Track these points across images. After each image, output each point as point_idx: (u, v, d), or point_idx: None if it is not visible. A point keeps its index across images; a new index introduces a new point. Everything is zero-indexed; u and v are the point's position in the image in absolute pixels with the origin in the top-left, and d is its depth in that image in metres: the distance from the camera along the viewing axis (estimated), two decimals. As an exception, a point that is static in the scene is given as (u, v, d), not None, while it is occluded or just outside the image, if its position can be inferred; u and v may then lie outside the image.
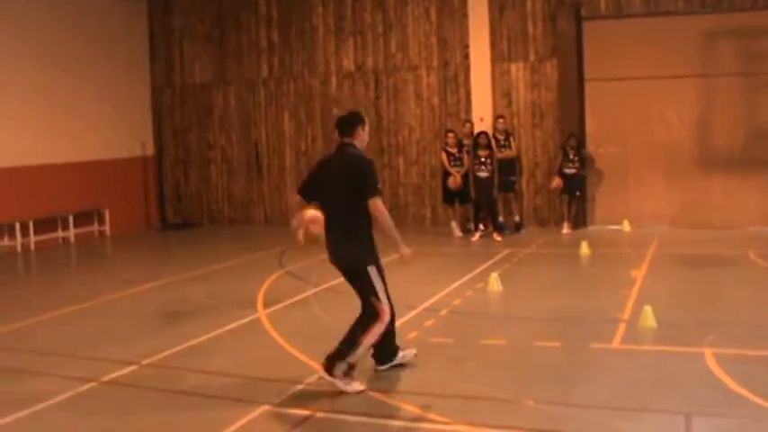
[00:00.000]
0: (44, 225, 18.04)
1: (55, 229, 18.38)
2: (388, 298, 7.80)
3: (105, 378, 8.09)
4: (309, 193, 7.92)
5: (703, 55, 17.56)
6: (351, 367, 7.58)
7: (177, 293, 12.50)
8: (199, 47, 21.09)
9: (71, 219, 18.52)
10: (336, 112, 7.88)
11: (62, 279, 14.60)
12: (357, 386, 7.53)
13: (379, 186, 7.70)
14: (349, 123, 7.95)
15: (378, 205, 7.55)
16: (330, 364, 7.53)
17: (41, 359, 8.93)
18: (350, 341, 7.62)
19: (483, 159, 17.15)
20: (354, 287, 7.82)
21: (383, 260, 7.85)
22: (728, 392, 7.18)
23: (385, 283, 7.78)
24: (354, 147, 7.87)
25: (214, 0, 20.83)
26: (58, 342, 9.72)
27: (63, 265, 16.40)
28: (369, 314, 7.68)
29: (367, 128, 8.03)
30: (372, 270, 7.68)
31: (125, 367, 8.44)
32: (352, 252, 7.69)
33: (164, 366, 8.53)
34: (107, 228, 19.53)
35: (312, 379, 7.85)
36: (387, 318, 7.70)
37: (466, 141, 17.70)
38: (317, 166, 8.20)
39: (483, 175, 17.17)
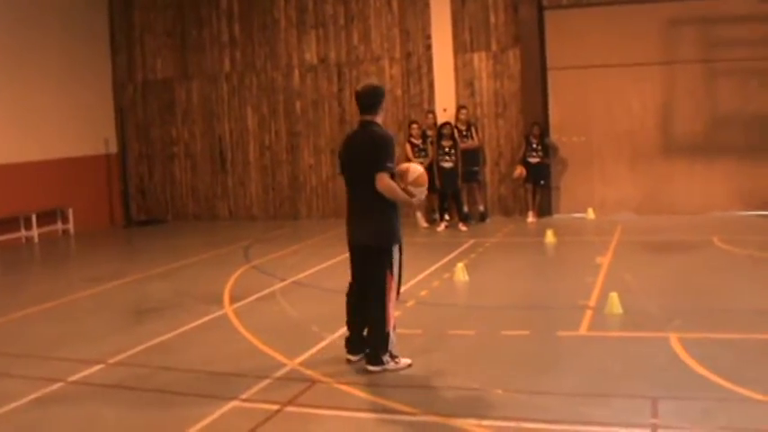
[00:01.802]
0: (6, 225, 17.84)
1: (18, 229, 18.18)
2: (400, 279, 7.94)
3: (72, 378, 8.03)
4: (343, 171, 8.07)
5: (665, 42, 17.69)
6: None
7: (143, 291, 12.43)
8: (160, 42, 20.95)
9: (34, 218, 18.32)
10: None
11: (26, 279, 14.47)
12: (405, 360, 7.89)
13: (390, 164, 7.61)
14: (369, 101, 7.87)
15: (382, 181, 7.57)
16: (375, 359, 7.74)
17: (6, 360, 8.84)
18: (377, 328, 7.76)
19: (447, 150, 17.21)
20: (369, 266, 7.81)
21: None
22: (694, 376, 7.26)
23: (401, 264, 7.90)
24: (377, 125, 7.84)
25: (174, -6, 20.74)
26: (24, 343, 9.63)
27: (26, 265, 16.25)
28: (379, 289, 7.73)
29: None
30: (396, 249, 7.80)
31: (92, 366, 8.37)
32: (378, 231, 7.74)
33: (131, 364, 8.47)
34: (71, 226, 19.37)
35: (280, 373, 7.84)
36: (393, 293, 7.77)
37: (430, 132, 17.72)
38: (341, 145, 8.16)
39: (447, 165, 17.22)
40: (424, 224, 17.65)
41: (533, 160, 17.75)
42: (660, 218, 17.21)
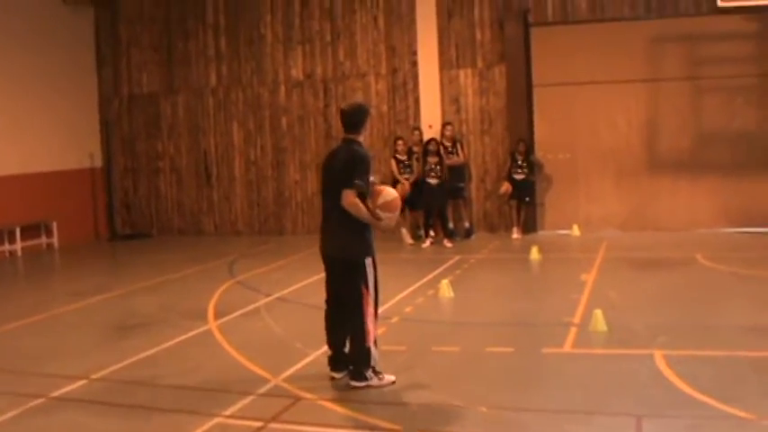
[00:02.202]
0: (-10, 239, 17.79)
1: (1, 243, 18.10)
2: (377, 294, 7.89)
3: (55, 394, 7.97)
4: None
5: (650, 60, 17.79)
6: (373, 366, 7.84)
7: (127, 306, 12.37)
8: (146, 56, 20.93)
9: (18, 231, 18.23)
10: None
11: (9, 293, 14.38)
12: (389, 377, 7.86)
13: (358, 182, 7.61)
14: (354, 120, 7.95)
15: (347, 197, 7.59)
16: (358, 375, 7.75)
17: (-12, 375, 8.80)
18: (357, 343, 7.77)
19: (432, 166, 17.22)
20: (343, 280, 7.83)
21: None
22: (678, 393, 7.26)
23: (377, 279, 7.86)
24: (359, 143, 7.91)
25: (161, 8, 20.69)
26: (6, 358, 9.56)
27: (10, 279, 16.15)
28: (355, 304, 7.73)
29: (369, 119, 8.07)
30: (369, 262, 7.77)
31: (75, 382, 8.32)
32: (349, 244, 7.76)
33: (114, 380, 8.42)
34: (55, 240, 19.28)
35: (264, 389, 7.81)
36: (370, 308, 7.75)
37: (415, 149, 17.73)
38: (324, 160, 8.24)
39: (433, 181, 17.23)
40: (410, 240, 17.63)
41: (518, 177, 17.76)
42: (645, 235, 17.25)
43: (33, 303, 12.78)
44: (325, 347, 8.25)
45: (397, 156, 17.57)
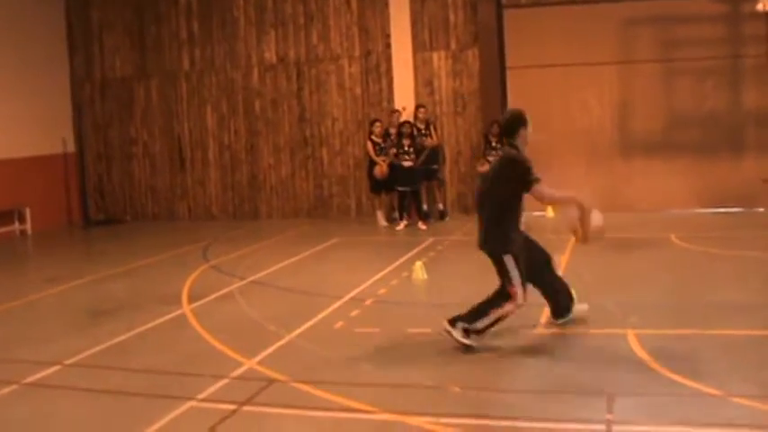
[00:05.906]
0: (-38, 225, 17.68)
1: (-27, 229, 18.02)
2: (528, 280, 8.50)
3: (27, 380, 7.94)
4: None
5: (623, 42, 17.85)
6: (469, 331, 8.33)
7: (101, 291, 12.32)
8: (119, 39, 20.79)
9: (-10, 218, 18.16)
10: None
11: (-18, 280, 14.31)
12: (472, 341, 8.29)
13: (536, 176, 8.53)
14: (507, 126, 8.91)
15: (540, 191, 8.62)
16: (453, 321, 8.37)
17: (-39, 362, 8.75)
18: (479, 310, 8.40)
19: (406, 148, 17.23)
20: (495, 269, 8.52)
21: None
22: (650, 372, 7.31)
23: (521, 270, 8.41)
24: (513, 147, 8.79)
25: (133, -8, 20.59)
26: (-22, 344, 9.53)
27: (-17, 266, 16.07)
28: (503, 294, 8.40)
29: (529, 127, 8.91)
30: (509, 258, 8.38)
31: (48, 368, 8.28)
32: (494, 241, 8.47)
33: (88, 365, 8.40)
34: (28, 226, 19.16)
35: (238, 372, 7.81)
36: (519, 300, 8.35)
37: (392, 131, 17.72)
38: None
39: (406, 164, 17.24)
40: (384, 223, 17.64)
41: (493, 159, 17.74)
42: (618, 215, 17.21)
43: (7, 290, 12.71)
44: (299, 330, 8.27)
45: (373, 137, 17.55)
